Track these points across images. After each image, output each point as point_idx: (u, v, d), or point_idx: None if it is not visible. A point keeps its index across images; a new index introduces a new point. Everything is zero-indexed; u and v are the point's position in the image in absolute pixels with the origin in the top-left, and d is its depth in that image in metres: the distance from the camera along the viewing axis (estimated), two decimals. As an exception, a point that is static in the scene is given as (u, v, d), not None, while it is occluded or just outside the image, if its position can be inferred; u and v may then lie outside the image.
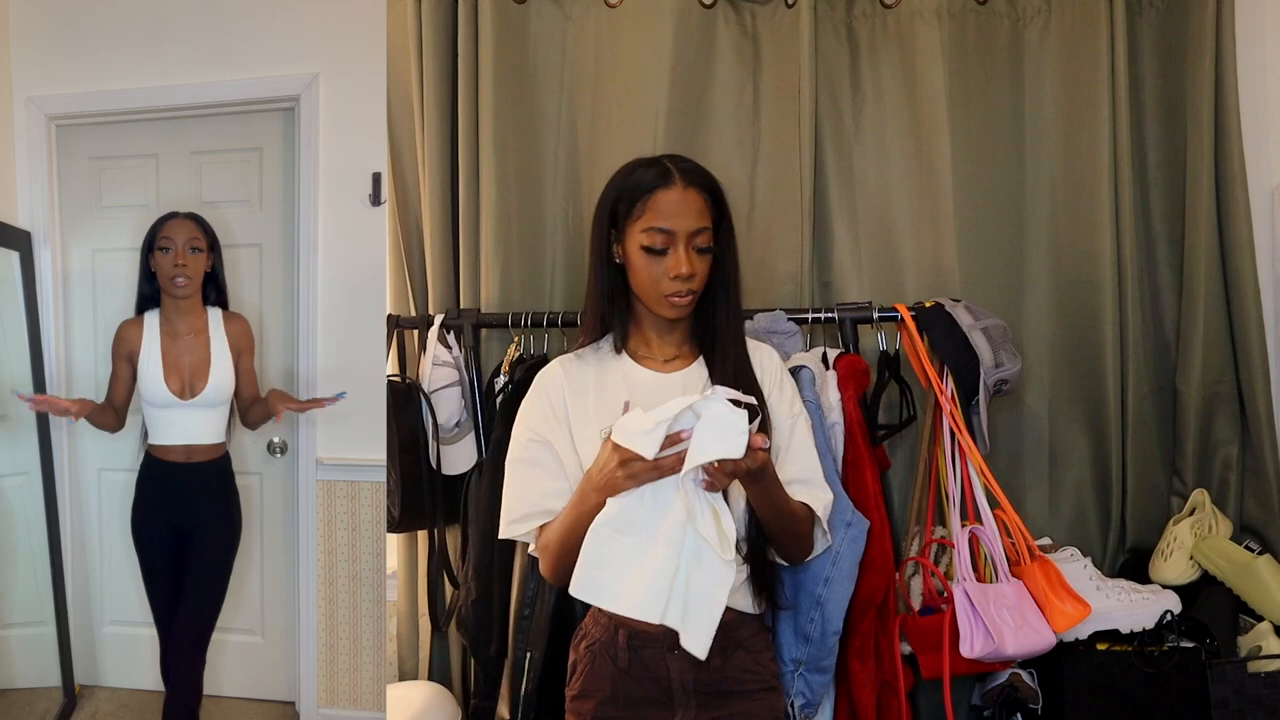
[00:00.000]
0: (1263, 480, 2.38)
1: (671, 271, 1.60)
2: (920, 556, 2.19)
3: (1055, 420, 2.50)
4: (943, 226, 2.46)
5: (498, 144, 2.43)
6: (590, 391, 1.68)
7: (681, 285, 1.60)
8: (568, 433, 1.66)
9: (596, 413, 1.66)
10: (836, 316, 2.26)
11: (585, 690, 1.65)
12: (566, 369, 1.71)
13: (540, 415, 1.68)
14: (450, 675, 2.47)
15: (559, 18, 2.52)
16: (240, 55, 2.60)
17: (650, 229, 1.60)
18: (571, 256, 2.50)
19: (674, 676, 1.60)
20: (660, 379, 1.68)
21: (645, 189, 1.62)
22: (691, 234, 1.61)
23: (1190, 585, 2.26)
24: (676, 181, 1.62)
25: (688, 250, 1.60)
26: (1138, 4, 2.49)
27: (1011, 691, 2.18)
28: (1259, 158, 2.40)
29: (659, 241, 1.60)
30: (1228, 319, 2.40)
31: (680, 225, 1.60)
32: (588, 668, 1.66)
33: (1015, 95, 2.52)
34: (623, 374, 1.68)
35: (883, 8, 2.50)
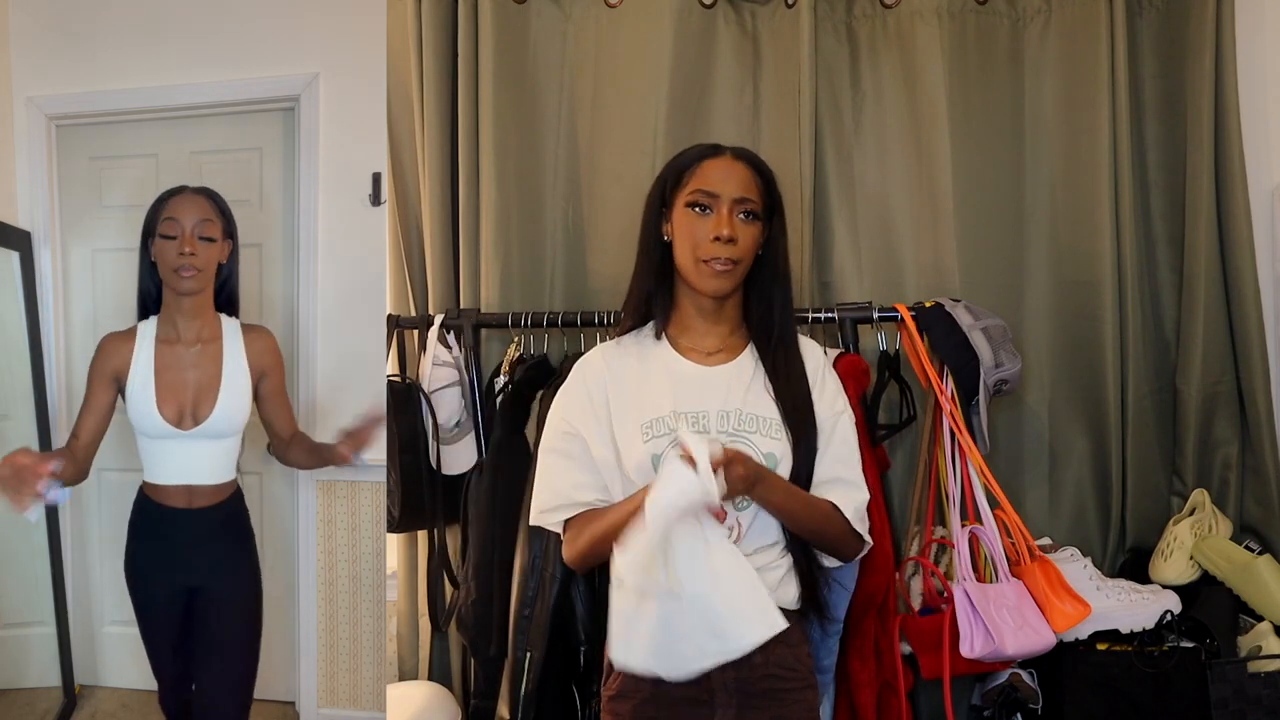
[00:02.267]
0: (1263, 480, 2.38)
1: (713, 232, 1.60)
2: (920, 556, 2.19)
3: (1055, 420, 2.50)
4: (943, 226, 2.46)
5: (498, 144, 2.43)
6: (631, 381, 1.67)
7: (721, 249, 1.60)
8: (606, 424, 1.66)
9: (636, 404, 1.65)
10: (836, 316, 2.27)
11: (624, 691, 1.63)
12: (608, 358, 1.71)
13: (576, 406, 1.68)
14: (450, 675, 2.47)
15: (559, 18, 2.52)
16: (240, 55, 2.60)
17: (696, 190, 1.63)
18: (571, 256, 2.50)
19: (714, 676, 1.57)
20: (703, 373, 1.66)
21: (693, 160, 1.66)
22: (735, 200, 1.62)
23: (1190, 585, 2.26)
24: (725, 153, 1.67)
25: (731, 215, 1.61)
26: (1138, 4, 2.49)
27: (1011, 691, 2.18)
28: (1259, 158, 2.40)
29: (703, 199, 1.62)
30: (1228, 319, 2.40)
31: (724, 189, 1.62)
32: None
33: (1015, 95, 2.52)
34: (664, 365, 1.67)
35: (883, 8, 2.51)
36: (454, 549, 2.43)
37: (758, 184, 1.66)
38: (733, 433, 1.60)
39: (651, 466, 1.59)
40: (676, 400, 1.63)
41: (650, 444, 1.60)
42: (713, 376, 1.66)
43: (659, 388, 1.65)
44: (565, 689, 2.12)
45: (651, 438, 1.61)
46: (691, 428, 1.60)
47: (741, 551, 1.56)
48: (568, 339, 2.34)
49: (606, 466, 1.65)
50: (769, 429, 1.61)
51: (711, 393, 1.63)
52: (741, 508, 1.59)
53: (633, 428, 1.63)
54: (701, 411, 1.62)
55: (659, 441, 1.60)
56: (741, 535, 1.59)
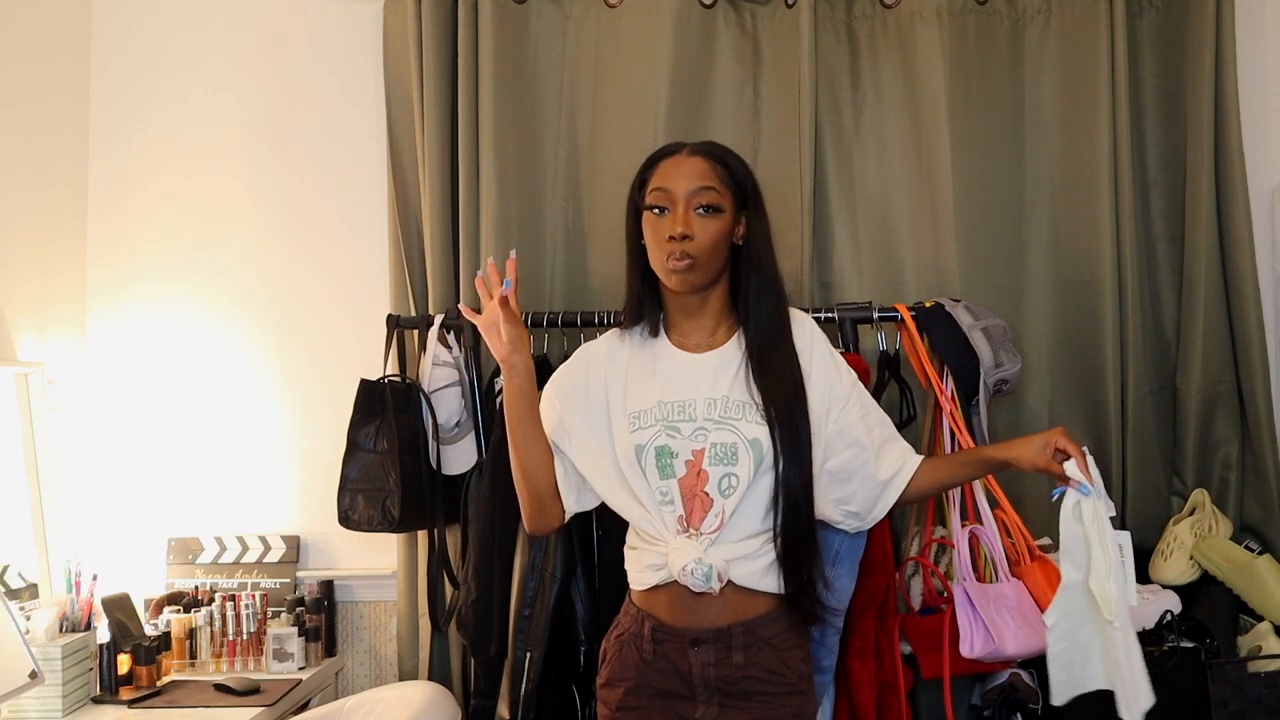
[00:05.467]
0: (1263, 480, 2.38)
1: (667, 231, 1.61)
2: (920, 556, 2.19)
3: (1055, 420, 2.50)
4: (943, 226, 2.46)
5: (498, 144, 2.43)
6: (626, 371, 1.69)
7: (676, 245, 1.60)
8: (599, 409, 1.67)
9: (628, 393, 1.66)
10: (836, 316, 2.27)
11: (612, 678, 1.66)
12: (611, 347, 1.73)
13: (568, 387, 1.71)
14: (450, 675, 2.47)
15: (559, 18, 2.52)
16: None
17: (654, 190, 1.64)
18: (571, 256, 2.51)
19: (695, 671, 1.60)
20: (691, 361, 1.67)
21: (653, 162, 1.67)
22: (690, 193, 1.62)
23: (1190, 585, 2.26)
24: (681, 150, 1.66)
25: (686, 211, 1.61)
26: (1138, 4, 2.49)
27: (1011, 691, 2.18)
28: (1259, 158, 2.40)
29: (659, 199, 1.63)
30: (1228, 319, 2.40)
31: (678, 185, 1.62)
32: (615, 657, 1.67)
33: (1015, 95, 2.52)
34: (657, 356, 1.69)
35: (883, 8, 2.51)
36: (454, 549, 2.43)
37: (717, 174, 1.64)
38: (719, 420, 1.61)
39: (635, 457, 1.60)
40: (665, 390, 1.64)
41: (635, 434, 1.61)
42: (700, 365, 1.66)
43: (650, 379, 1.66)
44: (565, 689, 2.12)
45: (637, 428, 1.62)
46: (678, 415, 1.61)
47: (724, 540, 1.57)
48: (568, 339, 2.34)
49: (583, 453, 1.66)
50: (754, 415, 1.61)
51: (699, 381, 1.64)
52: (727, 493, 1.58)
53: (623, 418, 1.64)
54: (689, 400, 1.62)
55: (643, 433, 1.61)
56: (725, 522, 1.58)
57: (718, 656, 1.57)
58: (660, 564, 1.58)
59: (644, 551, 1.62)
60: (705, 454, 1.58)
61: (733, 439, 1.58)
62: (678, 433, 1.60)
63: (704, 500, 1.57)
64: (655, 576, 1.60)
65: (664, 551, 1.58)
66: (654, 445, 1.59)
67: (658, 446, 1.59)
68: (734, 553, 1.57)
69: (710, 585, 1.54)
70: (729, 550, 1.57)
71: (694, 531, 1.57)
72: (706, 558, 1.54)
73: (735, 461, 1.57)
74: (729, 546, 1.57)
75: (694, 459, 1.58)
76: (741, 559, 1.58)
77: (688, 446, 1.59)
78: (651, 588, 1.61)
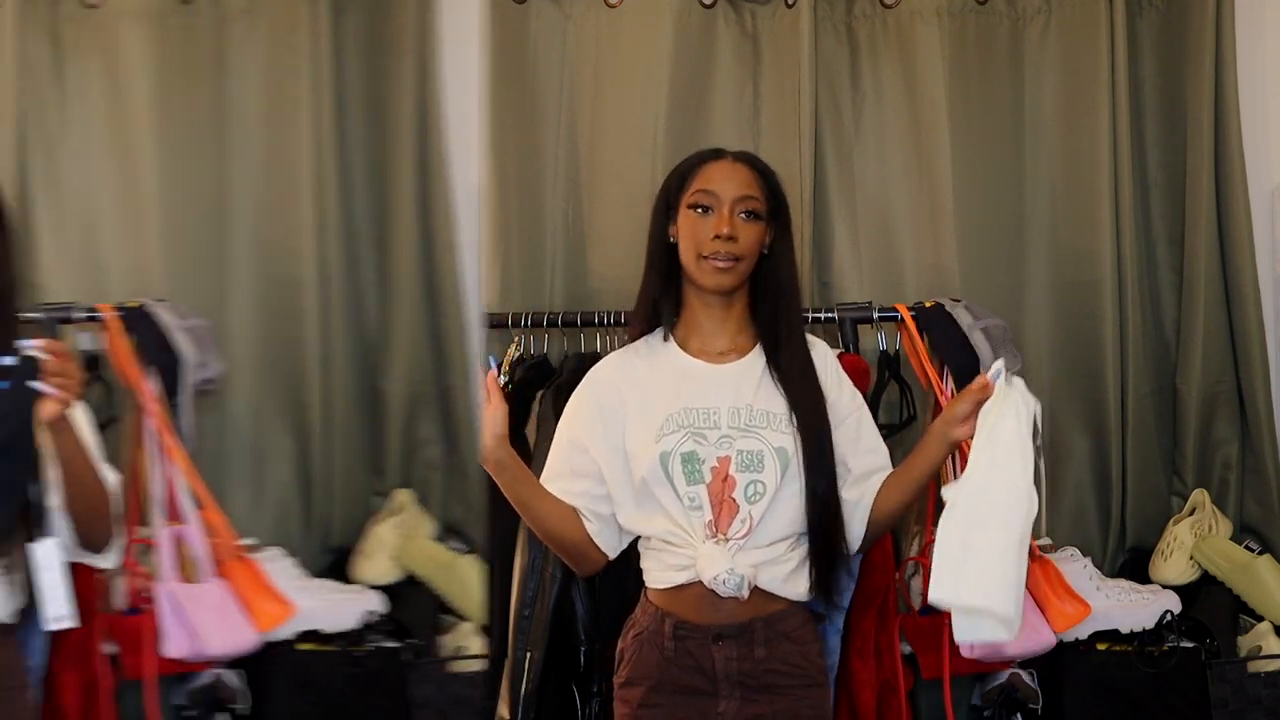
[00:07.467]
0: (1263, 480, 2.38)
1: (713, 230, 1.63)
2: (920, 556, 2.18)
3: (1055, 420, 2.49)
4: (943, 226, 2.46)
5: (498, 144, 2.43)
6: (643, 384, 1.69)
7: (721, 245, 1.62)
8: (616, 432, 1.67)
9: (649, 405, 1.66)
10: (836, 316, 2.26)
11: (632, 678, 1.66)
12: (619, 365, 1.73)
13: (584, 416, 1.70)
14: (450, 675, 2.47)
15: (559, 18, 2.52)
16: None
17: (698, 191, 1.66)
18: (571, 256, 2.50)
19: (718, 667, 1.61)
20: (713, 371, 1.68)
21: (696, 163, 1.70)
22: (736, 199, 1.64)
23: (1190, 585, 2.26)
24: (725, 156, 1.70)
25: (732, 214, 1.64)
26: (1138, 4, 2.49)
27: (1011, 691, 2.18)
28: (1259, 158, 2.40)
29: (705, 200, 1.65)
30: (1228, 319, 2.40)
31: (725, 190, 1.65)
32: (635, 656, 1.67)
33: (1015, 95, 2.52)
34: (673, 365, 1.69)
35: (883, 8, 2.51)
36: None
37: (759, 184, 1.68)
38: (744, 428, 1.62)
39: (660, 466, 1.61)
40: (688, 399, 1.65)
41: (662, 442, 1.62)
42: (722, 374, 1.68)
43: (669, 387, 1.67)
44: (565, 689, 2.12)
45: (663, 435, 1.62)
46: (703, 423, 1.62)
47: (751, 545, 1.59)
48: (568, 339, 2.34)
49: (611, 473, 1.66)
50: (779, 424, 1.63)
51: (722, 390, 1.65)
52: (754, 500, 1.60)
53: (645, 430, 1.64)
54: (713, 408, 1.64)
55: (671, 439, 1.62)
56: (753, 528, 1.60)
57: (740, 651, 1.59)
58: (685, 564, 1.60)
59: (668, 552, 1.63)
60: (731, 460, 1.61)
61: (759, 447, 1.61)
62: (704, 439, 1.61)
63: (731, 506, 1.59)
64: (680, 576, 1.61)
65: (691, 555, 1.59)
66: (680, 451, 1.61)
67: (684, 452, 1.61)
68: (761, 558, 1.60)
69: (741, 593, 1.56)
70: (756, 555, 1.60)
71: (721, 537, 1.59)
72: (738, 567, 1.56)
73: (761, 469, 1.60)
74: (756, 551, 1.60)
75: (719, 465, 1.61)
76: (768, 564, 1.60)
77: (713, 453, 1.61)
78: (675, 586, 1.62)
